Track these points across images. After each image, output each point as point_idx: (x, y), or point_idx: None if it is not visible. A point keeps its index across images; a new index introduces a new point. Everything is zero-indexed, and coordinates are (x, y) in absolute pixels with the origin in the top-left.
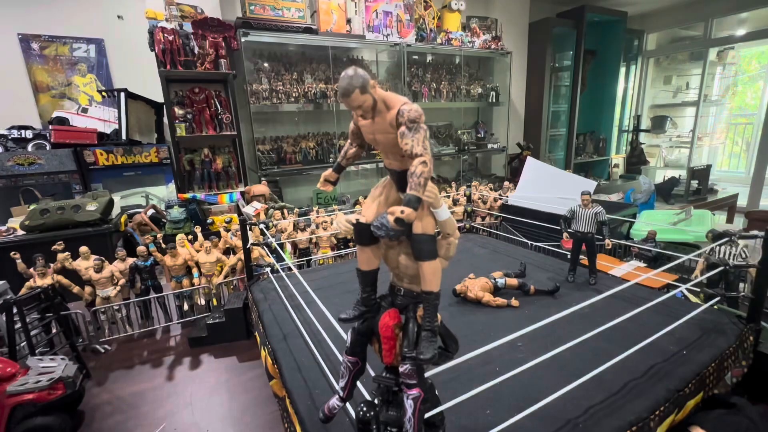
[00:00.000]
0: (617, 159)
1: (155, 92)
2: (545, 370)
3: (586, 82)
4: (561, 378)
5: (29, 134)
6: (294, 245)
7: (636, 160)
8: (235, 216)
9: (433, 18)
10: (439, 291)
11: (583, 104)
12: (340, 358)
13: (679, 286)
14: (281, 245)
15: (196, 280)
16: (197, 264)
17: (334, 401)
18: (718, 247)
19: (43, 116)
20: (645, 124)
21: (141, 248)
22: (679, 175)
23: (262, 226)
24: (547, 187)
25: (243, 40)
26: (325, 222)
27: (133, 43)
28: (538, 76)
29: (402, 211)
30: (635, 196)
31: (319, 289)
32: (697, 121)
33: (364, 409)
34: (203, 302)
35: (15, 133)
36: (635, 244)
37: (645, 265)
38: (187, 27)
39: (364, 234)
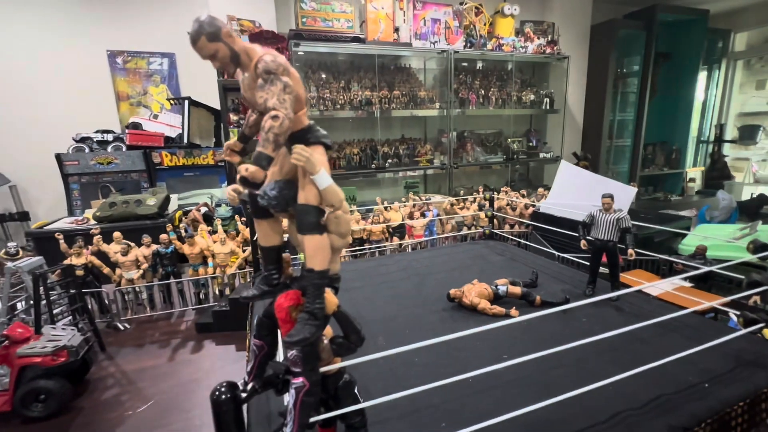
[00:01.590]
0: (694, 172)
1: (215, 100)
2: (526, 388)
3: (657, 88)
4: (543, 398)
5: (110, 137)
6: None
7: (718, 174)
8: None
9: (485, 24)
10: (324, 270)
11: (653, 112)
12: None
13: (708, 305)
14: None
15: (210, 269)
16: (213, 254)
17: (239, 384)
18: None
19: (122, 121)
20: (730, 134)
21: (163, 236)
22: None
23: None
24: (583, 193)
25: (294, 50)
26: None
27: (198, 56)
28: (599, 81)
29: (246, 169)
30: (711, 214)
31: None
32: None
33: (221, 389)
34: (218, 291)
35: (99, 136)
36: (676, 260)
37: (691, 284)
38: (245, 40)
39: (256, 206)
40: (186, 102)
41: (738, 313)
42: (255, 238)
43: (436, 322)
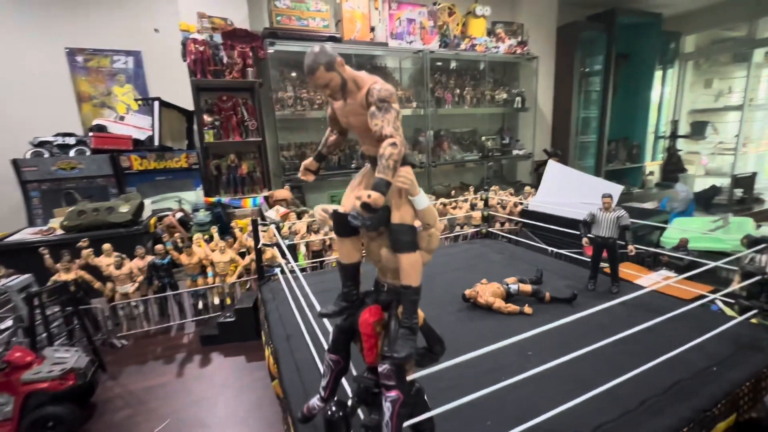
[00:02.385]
0: (652, 166)
1: (186, 100)
2: (555, 381)
3: (618, 87)
4: (572, 390)
5: (72, 141)
6: (307, 247)
7: (673, 168)
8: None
9: (458, 24)
10: (419, 286)
11: (615, 110)
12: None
13: (712, 298)
14: (294, 247)
15: (210, 279)
16: (212, 263)
17: (315, 401)
18: (759, 256)
19: (85, 124)
20: (683, 129)
21: (159, 246)
22: (721, 184)
23: (273, 226)
24: (570, 191)
25: (269, 49)
26: None
27: (167, 54)
28: (566, 81)
29: (368, 196)
30: (671, 205)
31: (328, 291)
32: (741, 127)
33: (333, 409)
34: (218, 301)
35: (59, 140)
36: (664, 252)
37: (676, 275)
38: (217, 38)
39: (342, 225)
40: (156, 103)
41: (730, 300)
42: (259, 246)
43: (455, 323)
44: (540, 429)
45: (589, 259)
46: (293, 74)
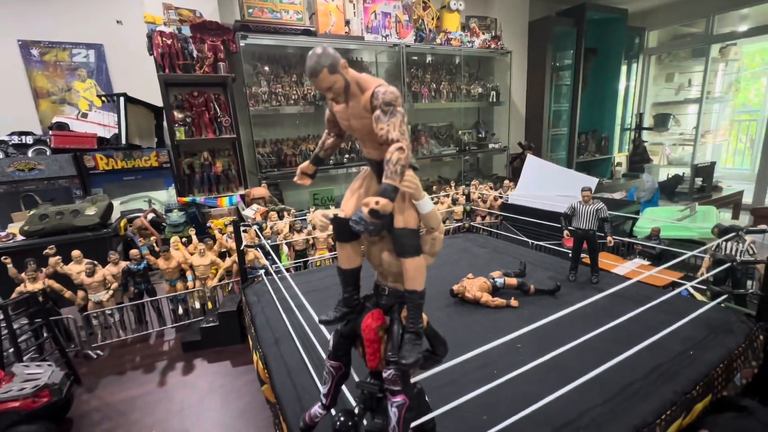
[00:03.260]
0: (620, 157)
1: (155, 96)
2: (546, 372)
3: (588, 81)
4: (562, 380)
5: (29, 140)
6: (291, 247)
7: (639, 159)
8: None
9: (432, 18)
10: (424, 290)
11: (585, 103)
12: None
13: (684, 284)
14: (276, 247)
15: (190, 284)
16: (191, 267)
17: (317, 409)
18: (724, 243)
19: (44, 122)
20: (648, 122)
21: (134, 251)
22: (683, 173)
23: (255, 227)
24: (548, 184)
25: (242, 43)
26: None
27: (132, 47)
28: (538, 75)
29: (377, 202)
30: (638, 194)
31: (314, 291)
32: (700, 119)
33: (342, 419)
34: (198, 306)
35: (15, 139)
36: (638, 242)
37: (649, 263)
38: (186, 31)
39: (343, 230)
40: (122, 99)
41: (701, 287)
42: (242, 248)
43: (445, 319)
44: (535, 419)
45: (569, 251)
46: (267, 69)
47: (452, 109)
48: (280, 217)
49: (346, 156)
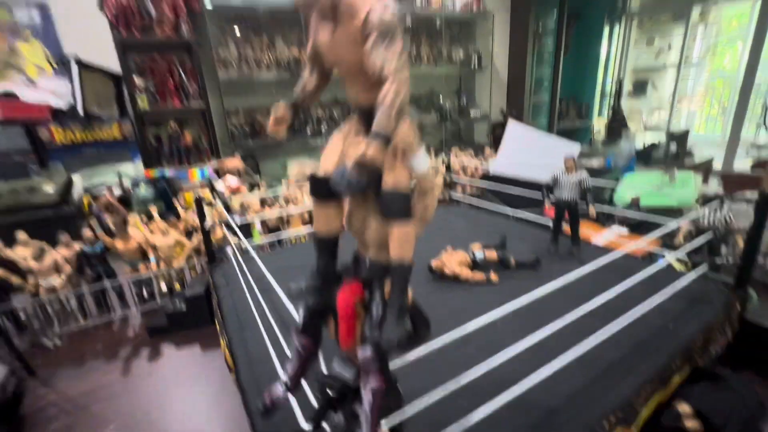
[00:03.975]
0: (598, 124)
1: (112, 62)
2: (525, 351)
3: (570, 46)
4: (542, 359)
5: None
6: (264, 224)
7: (617, 125)
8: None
9: None
10: (411, 262)
11: (566, 69)
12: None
13: (662, 254)
14: (247, 225)
15: (153, 265)
16: (154, 248)
17: (278, 389)
18: (706, 212)
19: None
20: (627, 88)
21: (86, 232)
22: (659, 140)
23: (220, 204)
24: (530, 152)
25: (206, 2)
26: (297, 198)
27: (81, 6)
28: (521, 40)
29: (364, 154)
30: (616, 161)
31: (288, 269)
32: (677, 84)
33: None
34: (165, 288)
35: None
36: (619, 212)
37: (628, 231)
38: None
39: (320, 188)
40: (75, 64)
41: (681, 257)
42: (208, 229)
43: (424, 296)
44: (515, 405)
45: (549, 222)
46: (236, 31)
47: (433, 75)
48: (251, 188)
49: (325, 124)
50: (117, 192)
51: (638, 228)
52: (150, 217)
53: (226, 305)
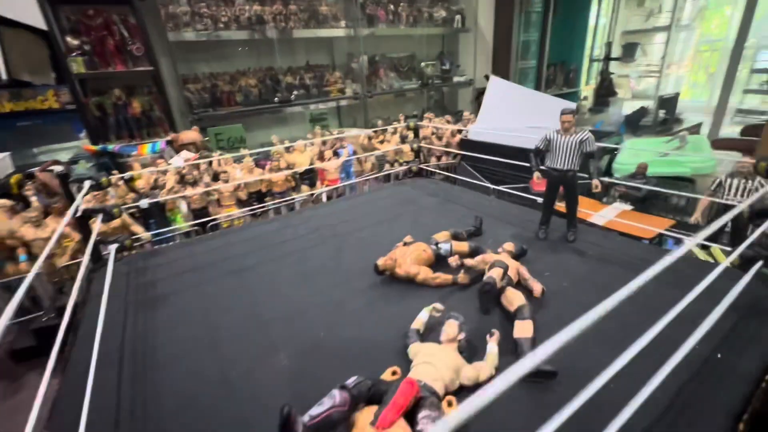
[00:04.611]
0: (587, 91)
1: (37, 17)
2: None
3: (558, 8)
4: (536, 405)
5: None
6: (188, 206)
7: (605, 92)
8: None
9: None
10: None
11: (554, 33)
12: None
13: (677, 236)
14: (161, 206)
15: (23, 265)
16: (24, 243)
17: (302, 419)
18: (728, 181)
19: None
20: (616, 52)
21: None
22: (648, 106)
23: (120, 181)
24: (515, 112)
25: None
26: (226, 173)
27: None
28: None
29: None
30: (604, 128)
31: (210, 266)
32: (667, 48)
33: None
34: (48, 296)
35: None
36: (622, 182)
37: (632, 207)
38: None
39: None
40: None
41: (706, 242)
42: (77, 213)
43: (363, 309)
44: None
45: (537, 197)
46: None
47: (413, 37)
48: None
49: (294, 93)
50: (57, 169)
51: (643, 203)
52: (27, 205)
53: (83, 330)
